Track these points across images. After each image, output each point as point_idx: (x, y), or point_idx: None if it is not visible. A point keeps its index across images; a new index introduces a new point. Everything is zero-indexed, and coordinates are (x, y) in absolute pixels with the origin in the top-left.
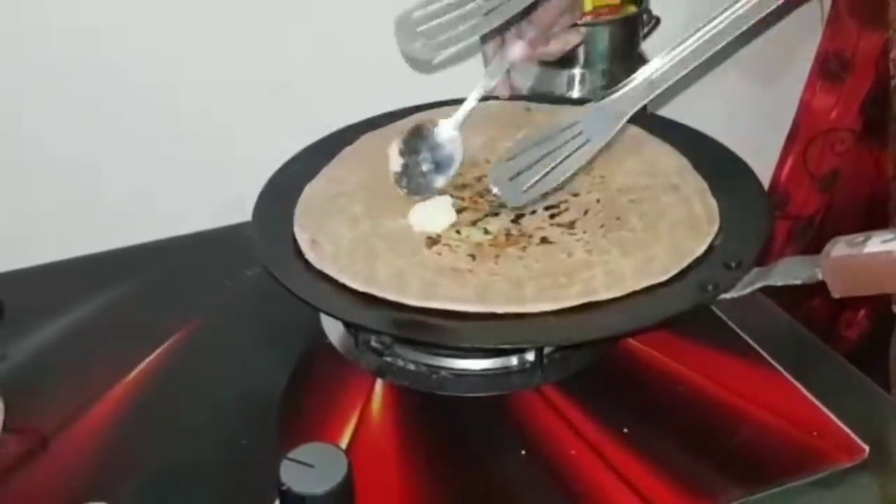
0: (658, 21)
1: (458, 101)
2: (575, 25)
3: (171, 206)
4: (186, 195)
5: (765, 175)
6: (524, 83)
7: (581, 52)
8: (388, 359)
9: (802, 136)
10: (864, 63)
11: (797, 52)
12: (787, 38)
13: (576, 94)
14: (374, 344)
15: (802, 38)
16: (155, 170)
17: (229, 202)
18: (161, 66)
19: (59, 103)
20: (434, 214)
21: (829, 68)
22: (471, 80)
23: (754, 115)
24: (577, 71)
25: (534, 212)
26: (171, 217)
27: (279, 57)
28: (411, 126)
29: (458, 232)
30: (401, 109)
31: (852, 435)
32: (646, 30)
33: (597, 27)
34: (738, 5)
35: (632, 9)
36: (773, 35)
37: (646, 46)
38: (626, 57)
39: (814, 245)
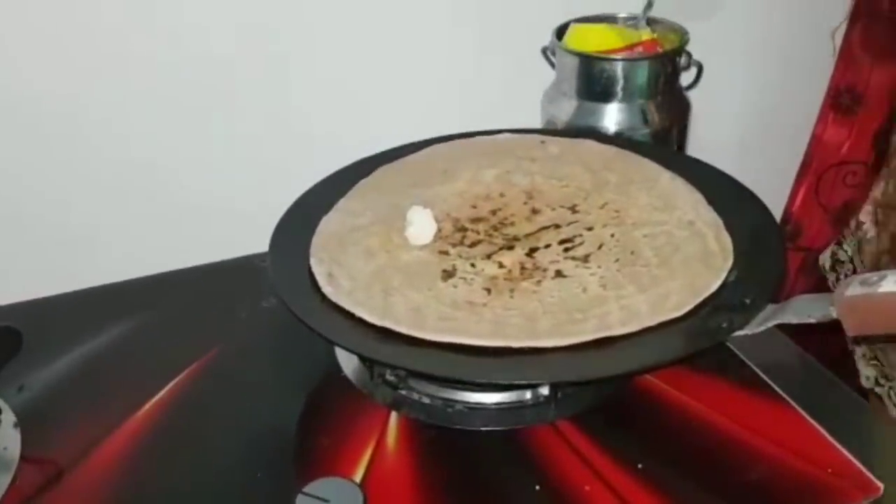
0: (701, 67)
1: (472, 135)
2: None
3: (186, 236)
4: (202, 226)
5: (776, 207)
6: (562, 116)
7: (620, 86)
8: (403, 392)
9: (814, 168)
10: (877, 96)
11: (809, 85)
12: (800, 72)
13: (613, 128)
14: (388, 377)
15: (814, 71)
16: (171, 200)
17: (246, 233)
18: (179, 101)
19: (77, 138)
20: (420, 228)
21: (841, 102)
22: (483, 116)
23: (766, 148)
24: (615, 105)
25: (548, 245)
26: (187, 248)
27: (296, 91)
28: None
29: (472, 265)
30: (414, 143)
31: (867, 473)
32: (692, 80)
33: (636, 62)
34: None
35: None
36: (785, 68)
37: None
38: (665, 93)
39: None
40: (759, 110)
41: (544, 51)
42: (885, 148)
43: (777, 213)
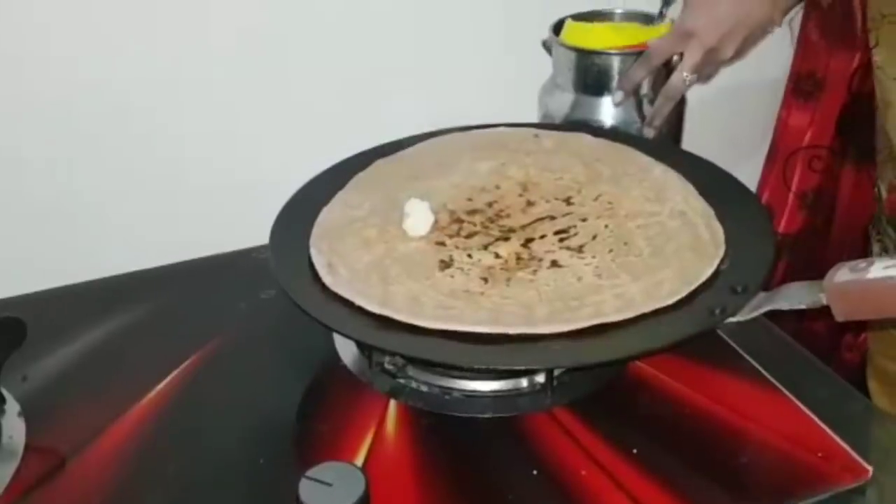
0: None
1: (467, 129)
2: None
3: (187, 230)
4: (202, 219)
5: None
6: (559, 110)
7: (615, 81)
8: (402, 380)
9: (781, 154)
10: (836, 82)
11: (775, 72)
12: (766, 60)
13: (610, 122)
14: (387, 366)
15: (776, 59)
16: (172, 195)
17: (245, 226)
18: (179, 94)
19: (79, 131)
20: (417, 219)
21: (802, 88)
22: (480, 111)
23: (737, 136)
24: (610, 99)
25: (543, 236)
26: (187, 241)
27: (294, 86)
28: None
29: (469, 256)
30: (410, 137)
31: (856, 456)
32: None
33: (633, 57)
34: None
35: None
36: (754, 57)
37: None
38: (660, 88)
39: (799, 262)
40: (722, 100)
41: (545, 43)
42: (850, 133)
43: None
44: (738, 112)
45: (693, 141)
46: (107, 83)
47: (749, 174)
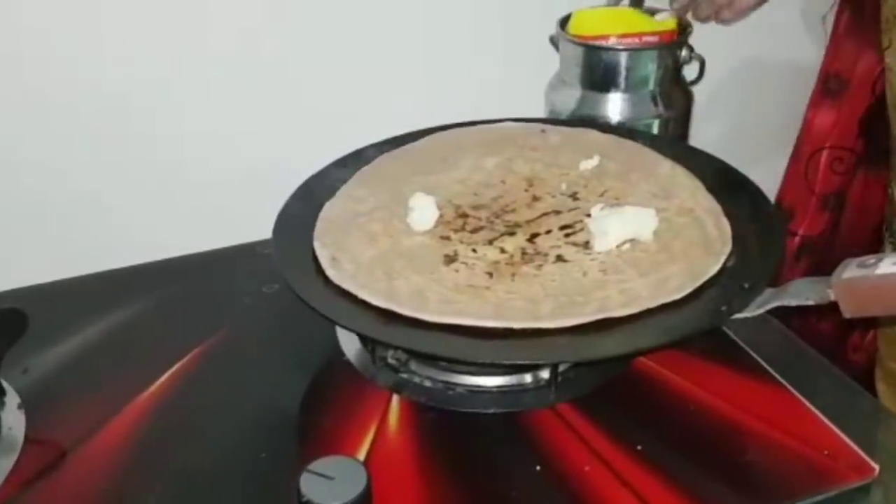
0: (703, 62)
1: (473, 124)
2: None
3: (191, 224)
4: (206, 212)
5: (770, 193)
6: (566, 106)
7: (624, 76)
8: (405, 375)
9: (805, 153)
10: (861, 83)
11: (802, 71)
12: (793, 58)
13: (618, 118)
14: (390, 360)
15: (807, 57)
16: (172, 193)
17: (246, 223)
18: (185, 89)
19: (79, 131)
20: (422, 214)
21: (829, 87)
22: (486, 106)
23: (760, 134)
24: (619, 95)
25: (549, 231)
26: (191, 235)
27: (299, 78)
28: None
29: (474, 251)
30: (416, 131)
31: (863, 454)
32: (695, 75)
33: (640, 52)
34: None
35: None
36: (780, 54)
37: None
38: (668, 84)
39: (819, 264)
40: (752, 97)
41: (552, 39)
42: (870, 136)
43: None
44: (755, 110)
45: (709, 139)
46: (107, 83)
47: (767, 173)
